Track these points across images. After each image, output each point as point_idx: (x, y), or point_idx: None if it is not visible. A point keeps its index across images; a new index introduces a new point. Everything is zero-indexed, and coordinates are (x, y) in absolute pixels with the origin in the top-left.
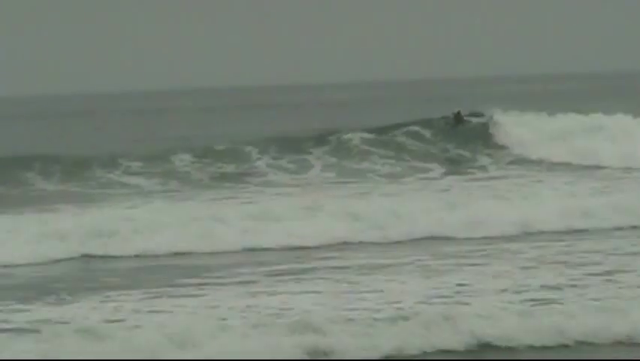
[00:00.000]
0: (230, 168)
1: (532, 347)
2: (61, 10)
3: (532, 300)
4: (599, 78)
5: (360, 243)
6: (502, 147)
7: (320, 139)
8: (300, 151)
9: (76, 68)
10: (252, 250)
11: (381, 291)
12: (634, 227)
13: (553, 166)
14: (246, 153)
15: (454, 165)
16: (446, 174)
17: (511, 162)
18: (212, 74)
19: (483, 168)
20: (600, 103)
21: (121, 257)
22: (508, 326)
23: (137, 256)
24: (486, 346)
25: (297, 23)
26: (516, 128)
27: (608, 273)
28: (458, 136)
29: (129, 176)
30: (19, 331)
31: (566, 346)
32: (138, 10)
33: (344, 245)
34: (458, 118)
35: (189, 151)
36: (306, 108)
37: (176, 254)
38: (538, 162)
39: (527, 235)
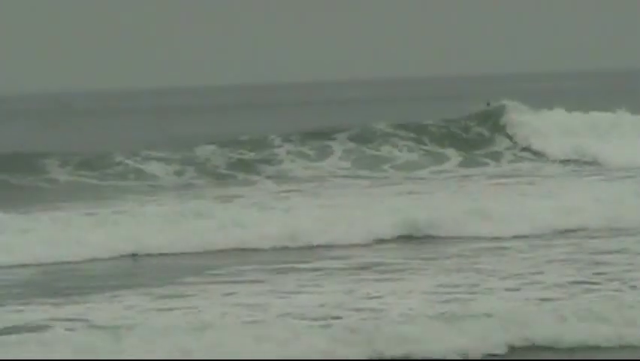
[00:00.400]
0: (250, 156)
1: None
2: (74, 9)
3: (548, 299)
4: (609, 76)
5: (367, 242)
6: (522, 145)
7: (345, 126)
8: (324, 138)
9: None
10: (254, 249)
11: (392, 291)
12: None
13: (571, 163)
14: (268, 141)
15: (471, 154)
16: (462, 165)
17: (528, 158)
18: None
19: (498, 162)
20: (615, 101)
21: (128, 256)
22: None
23: (143, 255)
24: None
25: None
26: (543, 125)
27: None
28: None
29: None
30: (28, 330)
31: (595, 347)
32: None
33: (350, 244)
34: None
35: (213, 142)
36: (322, 106)
37: (184, 253)
38: (559, 160)
39: (541, 234)
